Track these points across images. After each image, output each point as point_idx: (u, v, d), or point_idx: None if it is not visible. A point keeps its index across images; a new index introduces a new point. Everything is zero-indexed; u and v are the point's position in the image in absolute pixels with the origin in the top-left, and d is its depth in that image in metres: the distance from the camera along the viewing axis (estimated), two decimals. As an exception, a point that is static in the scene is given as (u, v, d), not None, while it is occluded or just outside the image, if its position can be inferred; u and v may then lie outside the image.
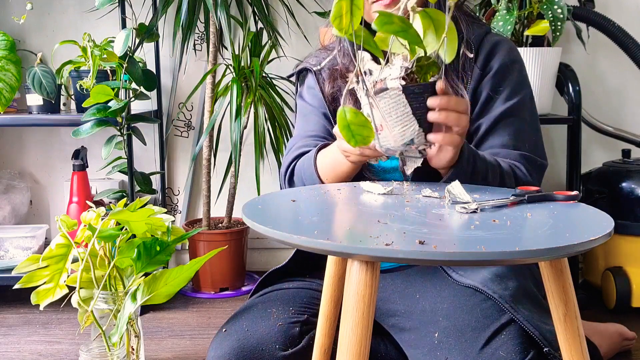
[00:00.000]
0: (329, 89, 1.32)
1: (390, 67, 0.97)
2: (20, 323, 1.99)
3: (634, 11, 2.33)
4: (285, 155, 1.32)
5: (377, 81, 0.98)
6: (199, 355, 1.76)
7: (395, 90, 0.96)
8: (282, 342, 1.14)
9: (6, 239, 2.12)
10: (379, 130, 0.99)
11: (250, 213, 0.87)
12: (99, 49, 2.01)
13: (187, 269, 1.24)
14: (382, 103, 0.97)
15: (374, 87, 0.97)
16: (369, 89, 0.97)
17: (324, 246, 0.73)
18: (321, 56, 1.38)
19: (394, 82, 0.96)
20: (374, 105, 0.97)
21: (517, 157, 1.21)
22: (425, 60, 0.97)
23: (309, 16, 2.30)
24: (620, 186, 2.04)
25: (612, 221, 0.84)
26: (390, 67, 0.97)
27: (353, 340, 0.77)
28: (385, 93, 0.97)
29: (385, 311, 1.25)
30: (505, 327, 1.07)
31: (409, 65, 0.96)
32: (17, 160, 2.47)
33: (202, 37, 2.40)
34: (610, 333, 1.68)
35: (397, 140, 0.99)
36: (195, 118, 2.45)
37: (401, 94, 0.96)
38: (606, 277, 2.05)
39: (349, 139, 0.96)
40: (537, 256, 0.72)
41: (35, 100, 2.10)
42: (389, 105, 0.97)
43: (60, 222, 1.31)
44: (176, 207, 2.49)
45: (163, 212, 1.32)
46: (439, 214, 0.88)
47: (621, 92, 2.38)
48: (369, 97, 0.97)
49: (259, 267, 2.48)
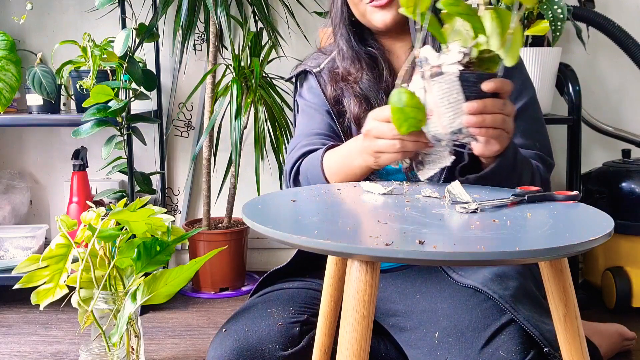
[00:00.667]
0: (331, 91, 1.31)
1: (447, 53, 0.96)
2: (20, 323, 1.99)
3: (634, 11, 2.33)
4: (289, 154, 1.31)
5: (435, 66, 0.96)
6: (199, 355, 1.76)
7: (451, 75, 0.95)
8: (282, 342, 1.14)
9: (6, 239, 2.12)
10: (429, 115, 0.97)
11: (250, 213, 0.87)
12: (99, 49, 2.01)
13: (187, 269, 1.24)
14: (435, 87, 0.96)
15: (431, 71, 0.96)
16: (425, 72, 0.96)
17: (324, 246, 0.73)
18: (319, 59, 1.38)
19: (451, 67, 0.95)
20: (427, 90, 0.96)
21: (533, 156, 1.21)
22: (487, 52, 0.95)
23: (309, 16, 2.30)
24: (620, 186, 2.03)
25: (612, 221, 0.83)
26: (447, 54, 0.96)
27: (353, 340, 0.77)
28: (441, 77, 0.95)
29: (385, 311, 1.25)
30: (506, 327, 1.07)
31: (467, 51, 0.95)
32: (17, 160, 2.47)
33: (202, 37, 2.40)
34: (610, 333, 1.68)
35: (445, 127, 0.97)
36: (195, 118, 2.45)
37: (456, 80, 0.95)
38: (606, 277, 2.05)
39: (400, 124, 0.96)
40: (537, 256, 0.72)
41: (35, 100, 2.10)
42: (442, 90, 0.96)
43: (60, 222, 1.31)
44: (176, 207, 2.49)
45: (163, 212, 1.32)
46: (439, 214, 0.88)
47: (621, 92, 2.38)
48: (424, 80, 0.96)
49: (259, 267, 2.48)
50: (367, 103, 1.27)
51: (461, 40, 0.96)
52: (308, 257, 1.33)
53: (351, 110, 1.28)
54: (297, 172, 1.26)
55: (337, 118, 1.30)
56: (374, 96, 1.27)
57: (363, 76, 1.28)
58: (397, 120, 0.96)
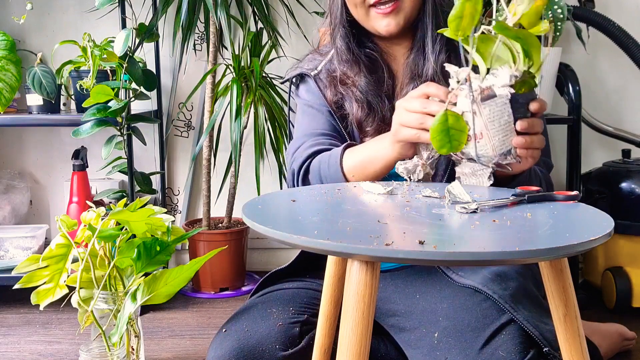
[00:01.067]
0: (331, 95, 1.30)
1: (494, 75, 0.97)
2: (20, 323, 1.99)
3: (634, 11, 2.33)
4: (293, 153, 1.29)
5: (484, 88, 0.97)
6: (199, 355, 1.76)
7: (503, 97, 0.96)
8: (282, 342, 1.14)
9: (6, 239, 2.12)
10: (478, 138, 0.98)
11: (250, 213, 0.87)
12: (99, 49, 2.01)
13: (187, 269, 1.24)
14: (486, 110, 0.97)
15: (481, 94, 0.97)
16: (475, 95, 0.96)
17: (324, 246, 0.73)
18: (316, 61, 1.36)
19: (503, 89, 0.96)
20: (476, 113, 0.97)
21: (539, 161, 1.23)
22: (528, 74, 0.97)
23: (309, 16, 2.30)
24: (620, 186, 2.03)
25: (612, 221, 0.83)
26: (494, 76, 0.97)
27: (353, 340, 0.77)
28: (492, 100, 0.96)
29: (385, 311, 1.25)
30: (505, 327, 1.07)
31: (518, 74, 0.96)
32: (17, 160, 2.47)
33: (202, 37, 2.40)
34: (610, 333, 1.68)
35: (495, 149, 0.99)
36: (195, 118, 2.45)
37: (507, 103, 0.96)
38: (606, 277, 2.05)
39: (442, 145, 0.97)
40: (537, 256, 0.72)
41: (35, 100, 2.10)
42: (494, 112, 0.97)
43: (60, 222, 1.31)
44: (176, 207, 2.49)
45: (163, 212, 1.32)
46: (439, 214, 0.88)
47: (621, 92, 2.38)
48: (473, 103, 0.96)
49: (259, 267, 2.48)
50: (369, 107, 1.27)
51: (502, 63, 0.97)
52: (309, 257, 1.33)
53: (354, 114, 1.27)
54: (306, 172, 1.25)
55: (341, 121, 1.29)
56: (375, 100, 1.27)
57: (362, 79, 1.28)
58: (439, 142, 0.98)
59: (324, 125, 1.30)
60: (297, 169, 1.27)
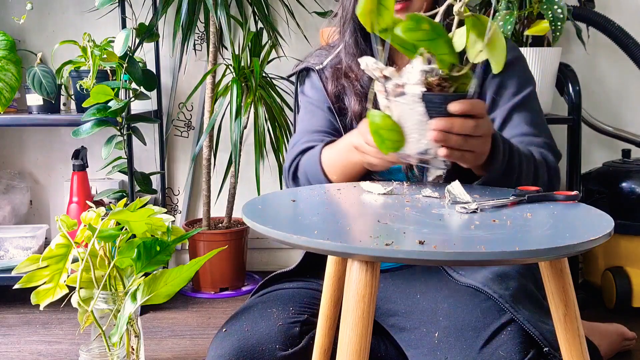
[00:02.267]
0: (332, 87, 1.31)
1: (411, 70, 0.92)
2: (20, 323, 1.99)
3: (634, 11, 2.33)
4: (289, 151, 1.31)
5: (397, 85, 0.92)
6: (199, 355, 1.76)
7: (413, 96, 0.91)
8: (282, 342, 1.14)
9: (6, 239, 2.12)
10: None
11: (250, 213, 0.87)
12: (99, 49, 2.01)
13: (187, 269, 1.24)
14: (397, 108, 0.93)
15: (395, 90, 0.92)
16: (390, 92, 0.92)
17: (324, 246, 0.73)
18: (322, 56, 1.38)
19: (414, 87, 0.91)
20: (389, 110, 0.93)
21: (542, 144, 1.21)
22: (457, 71, 0.91)
23: (309, 16, 2.30)
24: (620, 186, 2.03)
25: (612, 221, 0.84)
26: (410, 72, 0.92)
27: (353, 340, 0.77)
28: (402, 98, 0.91)
29: (385, 311, 1.25)
30: (505, 327, 1.07)
31: (428, 69, 0.90)
32: (17, 160, 2.47)
33: (202, 37, 2.40)
34: (610, 333, 1.68)
35: (411, 148, 0.94)
36: (195, 118, 2.45)
37: (419, 101, 0.91)
38: (606, 277, 2.05)
39: (379, 145, 0.94)
40: (537, 256, 0.72)
41: (35, 100, 2.10)
42: (404, 111, 0.92)
43: (60, 222, 1.31)
44: (176, 207, 2.49)
45: (163, 212, 1.32)
46: (439, 214, 0.88)
47: (621, 92, 2.38)
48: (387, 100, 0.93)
49: (259, 267, 2.48)
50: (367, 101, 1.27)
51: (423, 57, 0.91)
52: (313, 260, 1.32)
53: (352, 107, 1.28)
54: (295, 169, 1.27)
55: (339, 116, 1.30)
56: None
57: (365, 74, 1.28)
58: (376, 142, 0.94)
59: (321, 123, 1.31)
60: (287, 166, 1.29)
